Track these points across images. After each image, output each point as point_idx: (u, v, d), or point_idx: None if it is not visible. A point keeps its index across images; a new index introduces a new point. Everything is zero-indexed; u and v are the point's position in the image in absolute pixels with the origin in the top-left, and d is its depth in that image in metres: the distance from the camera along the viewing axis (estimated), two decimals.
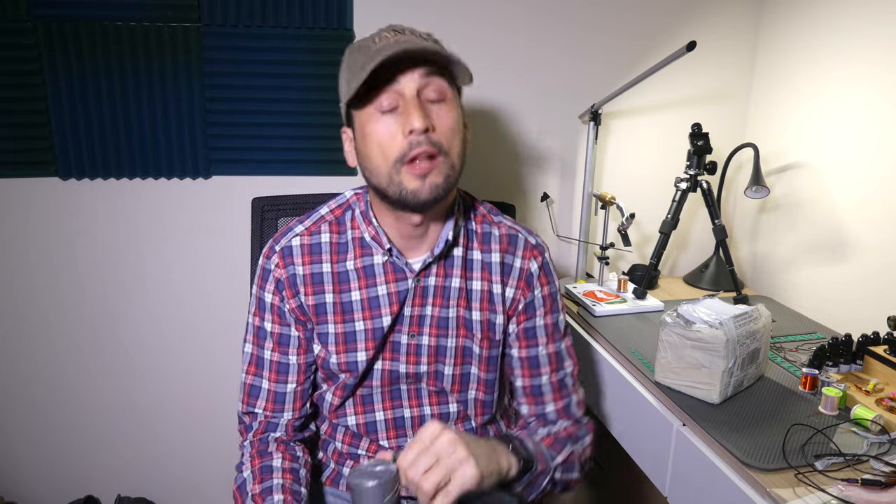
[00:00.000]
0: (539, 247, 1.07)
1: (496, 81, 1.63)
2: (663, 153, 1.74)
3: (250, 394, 1.05)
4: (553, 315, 1.07)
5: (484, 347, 1.04)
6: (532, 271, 1.05)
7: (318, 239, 1.01)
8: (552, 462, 0.98)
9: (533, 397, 1.07)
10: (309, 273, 1.00)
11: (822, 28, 1.51)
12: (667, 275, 1.84)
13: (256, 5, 1.48)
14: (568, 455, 1.01)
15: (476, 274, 1.04)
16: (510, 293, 1.05)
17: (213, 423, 1.75)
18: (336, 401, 1.06)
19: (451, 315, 1.03)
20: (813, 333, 1.39)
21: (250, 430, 1.06)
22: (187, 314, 1.67)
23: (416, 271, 1.00)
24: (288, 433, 1.06)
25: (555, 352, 1.07)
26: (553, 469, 0.98)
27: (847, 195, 1.46)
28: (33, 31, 1.42)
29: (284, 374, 1.04)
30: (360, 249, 1.01)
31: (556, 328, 1.08)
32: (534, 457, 0.96)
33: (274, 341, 1.03)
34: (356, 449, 1.08)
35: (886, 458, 0.93)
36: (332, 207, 1.04)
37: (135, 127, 1.51)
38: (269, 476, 0.98)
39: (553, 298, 1.07)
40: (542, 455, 0.98)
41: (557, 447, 1.01)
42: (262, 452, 1.03)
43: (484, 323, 1.04)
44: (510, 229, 1.07)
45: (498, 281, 1.04)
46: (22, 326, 1.62)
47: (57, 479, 1.73)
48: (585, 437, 1.07)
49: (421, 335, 1.03)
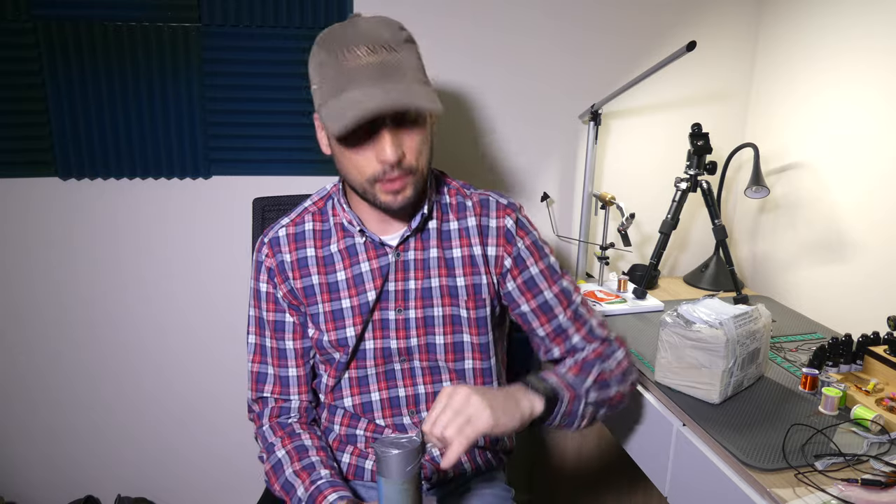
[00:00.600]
0: (511, 206, 1.11)
1: (496, 81, 1.63)
2: (663, 153, 1.74)
3: (258, 380, 1.11)
4: (544, 260, 1.10)
5: (471, 308, 1.07)
6: (509, 227, 1.09)
7: (303, 228, 1.09)
8: (582, 387, 1.00)
9: (559, 337, 1.10)
10: (295, 259, 1.07)
11: (822, 28, 1.51)
12: (667, 275, 1.84)
13: (256, 5, 1.48)
14: (598, 375, 1.02)
15: (454, 242, 1.08)
16: (492, 252, 1.08)
17: (213, 423, 1.75)
18: (331, 381, 1.11)
19: (434, 285, 1.07)
20: (813, 333, 1.39)
21: (264, 416, 1.11)
22: (187, 314, 1.67)
23: (394, 246, 1.05)
24: (302, 417, 1.12)
25: (560, 291, 1.10)
26: (585, 392, 1.00)
27: (847, 195, 1.46)
28: (33, 31, 1.42)
29: (285, 360, 1.10)
30: (343, 233, 1.08)
31: (552, 271, 1.10)
32: (558, 388, 0.97)
33: (271, 329, 1.10)
34: (354, 430, 1.12)
35: (886, 458, 0.93)
36: (315, 200, 1.12)
37: (135, 127, 1.51)
38: (307, 454, 1.04)
39: (537, 246, 1.10)
40: (569, 384, 0.99)
41: (585, 371, 1.02)
42: (291, 434, 1.08)
43: (469, 287, 1.07)
44: (481, 196, 1.11)
45: (477, 243, 1.08)
46: (22, 326, 1.62)
47: (57, 479, 1.73)
48: (615, 352, 1.08)
49: (407, 309, 1.07)
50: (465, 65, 1.61)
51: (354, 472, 1.12)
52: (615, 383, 1.05)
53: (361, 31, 0.91)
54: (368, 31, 0.91)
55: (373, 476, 1.12)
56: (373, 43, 0.90)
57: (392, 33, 0.93)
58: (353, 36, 0.91)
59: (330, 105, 0.91)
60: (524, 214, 1.12)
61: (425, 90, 0.93)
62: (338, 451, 1.13)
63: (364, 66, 0.89)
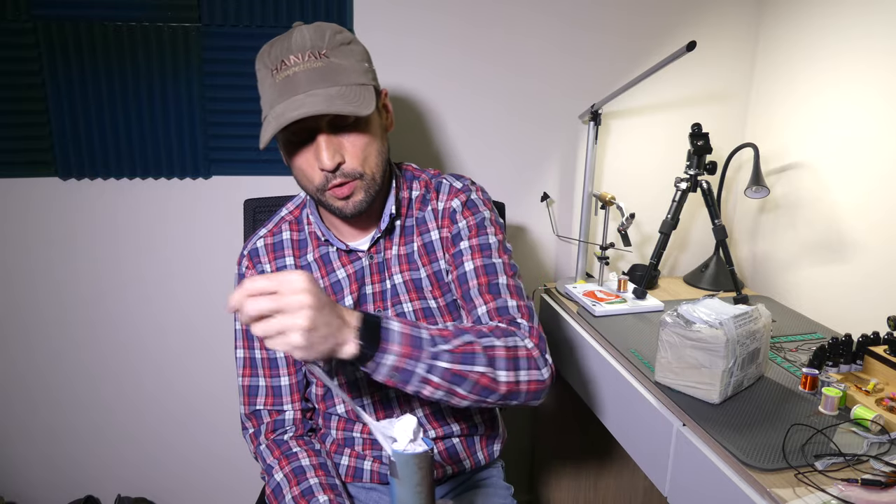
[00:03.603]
0: (464, 189, 1.09)
1: (496, 81, 1.63)
2: (663, 153, 1.74)
3: (250, 393, 1.10)
4: (480, 238, 1.05)
5: (437, 297, 1.08)
6: (454, 208, 1.08)
7: (280, 237, 1.10)
8: (430, 347, 0.84)
9: (468, 306, 1.03)
10: (275, 268, 1.08)
11: (822, 28, 1.51)
12: (667, 275, 1.84)
13: (256, 5, 1.48)
14: (465, 344, 0.87)
15: (412, 237, 1.09)
16: (443, 234, 1.08)
17: (212, 422, 1.75)
18: (320, 391, 1.11)
19: (399, 281, 1.08)
20: (813, 333, 1.39)
21: (260, 434, 1.09)
22: (187, 314, 1.67)
23: (365, 251, 1.07)
24: (298, 429, 1.10)
25: (482, 265, 1.03)
26: (433, 356, 0.85)
27: (847, 195, 1.46)
28: (33, 31, 1.42)
29: (276, 369, 1.09)
30: (317, 241, 1.09)
31: (482, 247, 1.04)
32: (386, 339, 0.82)
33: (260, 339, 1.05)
34: (351, 433, 1.12)
35: (886, 458, 0.93)
36: (291, 208, 1.13)
37: (135, 127, 1.51)
38: (304, 477, 1.02)
39: (480, 226, 1.06)
40: (413, 338, 0.84)
41: (453, 335, 0.87)
42: (287, 454, 1.06)
43: (431, 276, 1.08)
44: (437, 180, 1.11)
45: (434, 228, 1.09)
46: (22, 326, 1.62)
47: (57, 479, 1.73)
48: (517, 336, 0.94)
49: (386, 309, 1.08)
50: (465, 65, 1.61)
51: (353, 473, 1.12)
52: (487, 363, 0.88)
53: (293, 42, 0.91)
54: (299, 41, 0.91)
55: (372, 477, 1.12)
56: (301, 52, 0.90)
57: (326, 39, 0.92)
58: (283, 48, 0.91)
59: (266, 120, 0.92)
60: (479, 195, 1.10)
61: (356, 92, 0.91)
62: (336, 454, 1.13)
63: (291, 77, 0.90)
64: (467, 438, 1.16)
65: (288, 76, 0.90)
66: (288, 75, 0.90)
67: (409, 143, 1.64)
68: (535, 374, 0.94)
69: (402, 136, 1.63)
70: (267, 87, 0.93)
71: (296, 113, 0.87)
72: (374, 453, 1.12)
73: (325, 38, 0.92)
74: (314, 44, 0.91)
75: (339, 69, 0.91)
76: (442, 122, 1.64)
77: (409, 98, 1.61)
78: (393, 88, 1.60)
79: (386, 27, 1.54)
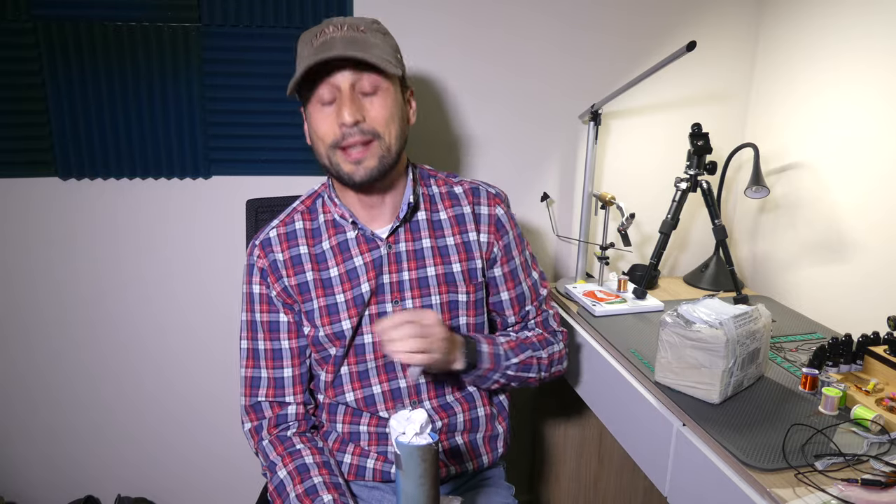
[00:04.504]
0: (499, 195, 1.19)
1: (496, 81, 1.63)
2: (663, 153, 1.74)
3: (251, 384, 1.11)
4: (524, 253, 1.22)
5: (470, 292, 1.14)
6: (500, 216, 1.16)
7: (293, 227, 1.12)
8: (504, 362, 1.11)
9: (522, 321, 1.23)
10: (288, 257, 1.09)
11: (822, 28, 1.51)
12: (667, 275, 1.84)
13: (256, 5, 1.48)
14: (526, 358, 1.14)
15: (447, 231, 1.13)
16: (483, 238, 1.15)
17: (212, 422, 1.75)
18: (329, 377, 1.11)
19: (430, 274, 1.10)
20: (813, 333, 1.39)
21: (262, 429, 1.09)
22: (187, 314, 1.67)
23: (384, 239, 1.09)
24: (301, 425, 1.11)
25: (531, 285, 1.22)
26: (505, 368, 1.12)
27: (847, 195, 1.46)
28: (33, 31, 1.42)
29: (280, 360, 1.10)
30: (333, 229, 1.11)
31: (527, 263, 1.22)
32: (482, 358, 1.08)
33: (265, 329, 1.10)
34: (357, 426, 1.12)
35: (886, 458, 0.93)
36: (303, 199, 1.16)
37: (135, 127, 1.51)
38: (308, 475, 1.03)
39: (521, 239, 1.22)
40: (495, 356, 1.10)
41: (517, 351, 1.14)
42: (290, 451, 1.06)
43: (465, 273, 1.13)
44: (471, 184, 1.18)
45: (473, 230, 1.14)
46: (22, 326, 1.62)
47: (57, 479, 1.73)
48: (555, 344, 1.21)
49: (404, 300, 1.10)
50: (465, 64, 1.61)
51: (356, 472, 1.12)
52: (537, 370, 1.17)
53: (333, 20, 1.00)
54: (339, 20, 0.99)
55: (374, 475, 1.12)
56: (340, 24, 0.98)
57: (365, 23, 1.00)
58: (325, 24, 1.00)
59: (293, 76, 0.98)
60: (509, 204, 1.21)
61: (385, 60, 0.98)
62: (339, 451, 1.13)
63: (328, 41, 0.96)
64: (471, 437, 1.16)
65: (325, 41, 0.96)
66: (325, 40, 0.96)
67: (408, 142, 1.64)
68: (561, 367, 1.24)
69: None
70: (304, 54, 0.99)
71: (325, 55, 0.93)
72: (378, 449, 1.12)
73: (367, 23, 1.02)
74: (353, 22, 1.00)
75: (373, 44, 0.98)
76: (442, 121, 1.64)
77: None
78: None
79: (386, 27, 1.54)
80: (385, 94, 1.01)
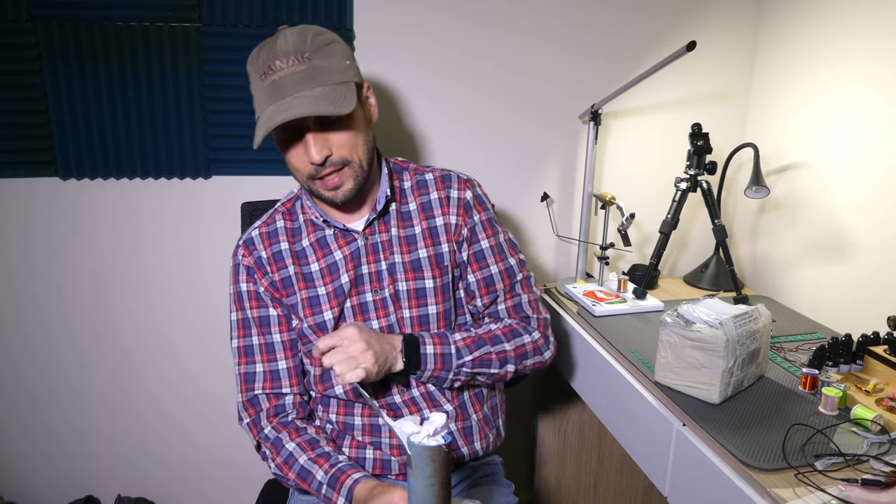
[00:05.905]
0: (470, 181, 1.20)
1: (496, 81, 1.63)
2: (663, 153, 1.74)
3: (247, 380, 1.13)
4: (495, 237, 1.20)
5: (437, 276, 1.15)
6: (468, 199, 1.17)
7: (275, 226, 1.15)
8: (456, 360, 1.09)
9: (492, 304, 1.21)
10: (271, 254, 1.13)
11: (822, 28, 1.51)
12: (667, 275, 1.84)
13: (256, 5, 1.48)
14: (482, 355, 1.11)
15: (415, 220, 1.16)
16: (452, 220, 1.16)
17: (212, 422, 1.75)
18: (318, 371, 1.14)
19: (398, 261, 1.13)
20: (813, 333, 1.39)
21: (261, 420, 1.12)
22: (187, 314, 1.67)
23: (360, 231, 1.13)
24: (299, 412, 1.14)
25: (504, 269, 1.19)
26: (458, 366, 1.10)
27: (847, 195, 1.46)
28: (33, 31, 1.42)
29: (273, 353, 1.13)
30: (312, 227, 1.15)
31: (500, 248, 1.20)
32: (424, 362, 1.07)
33: (256, 325, 1.13)
34: (351, 417, 1.15)
35: (886, 458, 0.93)
36: (284, 201, 1.20)
37: (135, 127, 1.51)
38: (318, 445, 1.08)
39: (491, 223, 1.20)
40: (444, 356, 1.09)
41: (473, 348, 1.11)
42: (297, 429, 1.10)
43: (431, 258, 1.15)
44: (442, 171, 1.20)
45: (440, 213, 1.16)
46: (22, 326, 1.62)
47: (57, 479, 1.73)
48: (525, 334, 1.17)
49: (382, 289, 1.13)
50: (465, 64, 1.61)
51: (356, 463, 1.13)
52: (500, 364, 1.13)
53: (277, 47, 0.98)
54: (283, 46, 0.97)
55: (374, 466, 1.14)
56: (285, 56, 0.97)
57: (308, 42, 0.99)
58: (269, 54, 0.98)
59: (258, 121, 1.00)
60: (482, 191, 1.21)
61: (338, 91, 0.98)
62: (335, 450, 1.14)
63: (278, 81, 0.97)
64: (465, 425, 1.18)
65: (275, 80, 0.97)
66: (275, 80, 0.97)
67: (409, 142, 1.64)
68: (537, 359, 1.19)
69: (402, 135, 1.63)
70: (257, 90, 1.01)
71: (283, 116, 0.95)
72: (373, 440, 1.14)
73: (308, 41, 0.99)
74: (297, 48, 0.98)
75: (321, 71, 0.98)
76: (442, 121, 1.64)
77: (409, 97, 1.61)
78: (392, 87, 1.60)
79: (386, 27, 1.54)
80: (348, 120, 1.02)
